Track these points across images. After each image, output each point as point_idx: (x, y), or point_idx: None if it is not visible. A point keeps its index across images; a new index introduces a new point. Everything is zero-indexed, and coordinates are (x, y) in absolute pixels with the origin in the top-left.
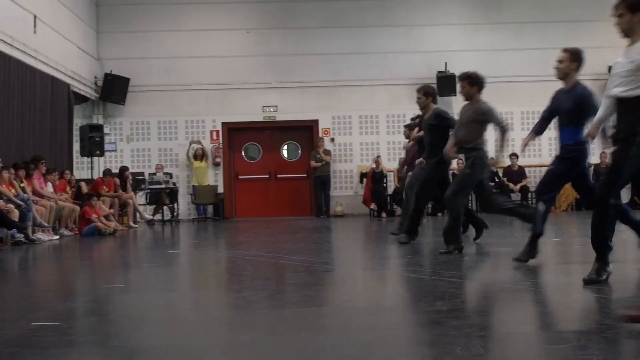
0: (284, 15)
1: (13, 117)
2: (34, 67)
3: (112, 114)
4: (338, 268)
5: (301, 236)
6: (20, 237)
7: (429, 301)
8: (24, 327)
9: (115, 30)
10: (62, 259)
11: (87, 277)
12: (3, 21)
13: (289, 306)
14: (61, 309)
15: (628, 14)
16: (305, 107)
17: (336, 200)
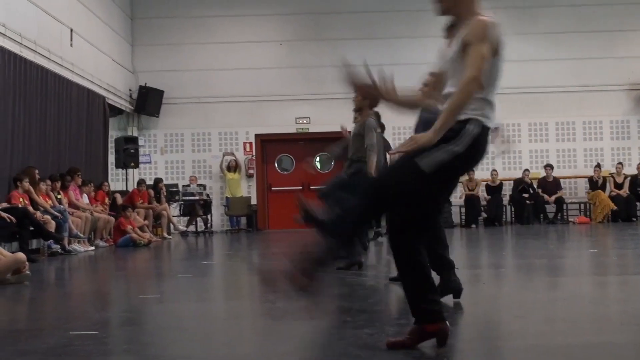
0: (317, 27)
1: (50, 129)
2: (70, 79)
3: (146, 126)
4: (370, 278)
5: None
6: (56, 248)
7: (465, 314)
8: (62, 336)
9: (149, 43)
10: (97, 270)
11: (123, 287)
12: (41, 35)
13: (324, 317)
14: (98, 318)
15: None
16: (338, 119)
17: None
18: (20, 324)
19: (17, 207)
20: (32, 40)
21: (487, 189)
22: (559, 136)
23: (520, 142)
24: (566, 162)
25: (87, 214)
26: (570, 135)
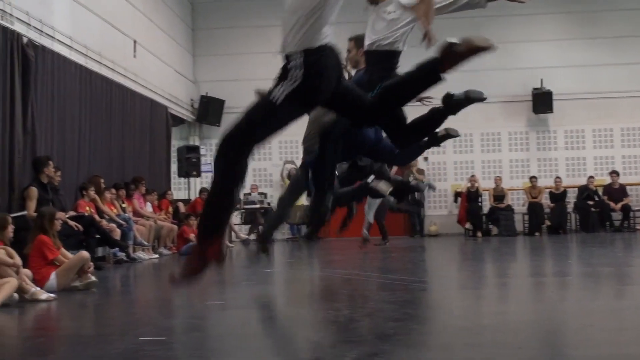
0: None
1: (115, 139)
2: (134, 90)
3: (207, 135)
4: (436, 287)
5: (396, 255)
6: (121, 256)
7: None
8: (132, 341)
9: (210, 53)
10: (162, 277)
11: (188, 294)
12: (105, 47)
13: (390, 323)
14: (165, 324)
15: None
16: None
17: (430, 219)
18: (91, 329)
19: (83, 215)
20: (97, 52)
21: (550, 197)
22: (625, 142)
23: (585, 149)
24: (632, 168)
25: (151, 222)
26: (636, 141)
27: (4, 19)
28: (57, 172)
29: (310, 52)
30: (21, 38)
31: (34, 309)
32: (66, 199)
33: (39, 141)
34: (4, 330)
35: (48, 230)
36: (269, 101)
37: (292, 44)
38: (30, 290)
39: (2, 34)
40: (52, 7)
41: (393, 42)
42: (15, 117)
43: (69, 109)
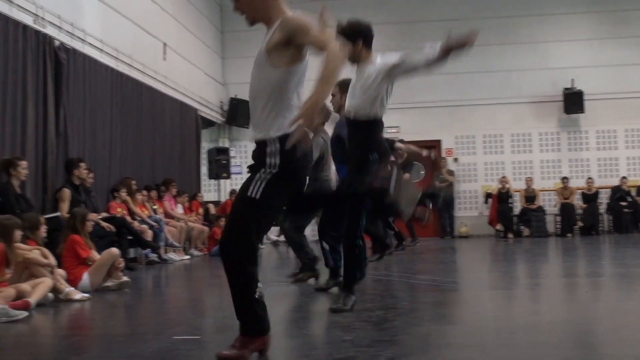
0: (405, 36)
1: (145, 141)
2: (163, 92)
3: (237, 137)
4: (467, 287)
5: (427, 256)
6: (153, 257)
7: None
8: (166, 340)
9: (239, 56)
10: (193, 278)
11: (219, 294)
12: (136, 50)
13: (424, 324)
14: (199, 324)
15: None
16: (427, 127)
17: (461, 220)
18: (125, 328)
19: (115, 216)
20: (127, 55)
21: (582, 197)
22: None
23: (617, 149)
24: None
25: (182, 224)
26: None
27: (36, 23)
28: (89, 173)
29: (286, 138)
30: (53, 41)
31: (69, 308)
32: (98, 200)
33: (71, 143)
34: (40, 329)
35: (80, 230)
36: (250, 199)
37: (265, 130)
38: (64, 290)
39: (35, 37)
40: (83, 11)
41: (369, 111)
42: (48, 119)
43: (100, 111)
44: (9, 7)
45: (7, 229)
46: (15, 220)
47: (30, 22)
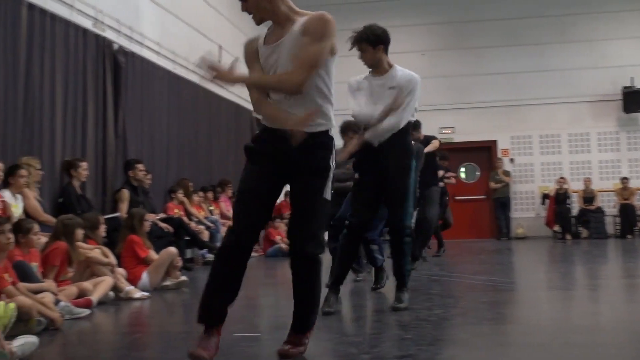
0: (460, 36)
1: (201, 143)
2: (219, 95)
3: None
4: (525, 288)
5: (484, 257)
6: (210, 257)
7: (627, 323)
8: (227, 338)
9: None
10: (249, 277)
11: (275, 293)
12: (192, 52)
13: (484, 323)
14: (257, 321)
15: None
16: (483, 128)
17: (517, 222)
18: (185, 326)
19: (172, 217)
20: (184, 58)
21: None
22: None
23: None
24: None
25: None
26: None
27: (96, 27)
28: (146, 175)
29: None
30: (112, 45)
31: (129, 306)
32: (155, 201)
33: (130, 145)
34: (102, 326)
35: (137, 230)
36: (325, 201)
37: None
38: (124, 288)
39: (94, 41)
40: (141, 15)
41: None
42: (107, 121)
43: (157, 113)
44: (69, 11)
45: (69, 228)
46: (77, 219)
47: (90, 25)
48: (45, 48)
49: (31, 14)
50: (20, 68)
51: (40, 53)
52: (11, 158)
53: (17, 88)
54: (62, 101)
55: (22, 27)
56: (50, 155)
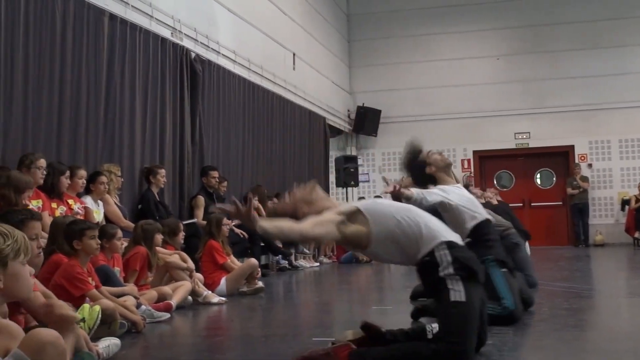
0: (536, 40)
1: (275, 149)
2: (293, 101)
3: (364, 146)
4: (606, 294)
5: (562, 264)
6: (284, 264)
7: None
8: (306, 341)
9: (366, 64)
10: (324, 283)
11: (349, 299)
12: (267, 60)
13: (567, 329)
14: (334, 326)
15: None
16: (559, 133)
17: (595, 228)
18: (264, 330)
19: None
20: (259, 65)
21: None
22: None
23: None
24: None
25: None
26: None
27: (174, 36)
28: (222, 182)
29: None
30: (190, 53)
31: (207, 311)
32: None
33: (206, 151)
34: (181, 329)
35: (216, 235)
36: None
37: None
38: (202, 293)
39: (172, 49)
40: (218, 23)
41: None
42: (184, 129)
43: (233, 120)
44: (149, 21)
45: (149, 233)
46: (156, 225)
47: (169, 35)
48: (125, 57)
49: (112, 24)
50: (102, 77)
51: (121, 62)
52: (92, 165)
53: (99, 96)
54: (142, 109)
55: (104, 37)
56: (130, 162)
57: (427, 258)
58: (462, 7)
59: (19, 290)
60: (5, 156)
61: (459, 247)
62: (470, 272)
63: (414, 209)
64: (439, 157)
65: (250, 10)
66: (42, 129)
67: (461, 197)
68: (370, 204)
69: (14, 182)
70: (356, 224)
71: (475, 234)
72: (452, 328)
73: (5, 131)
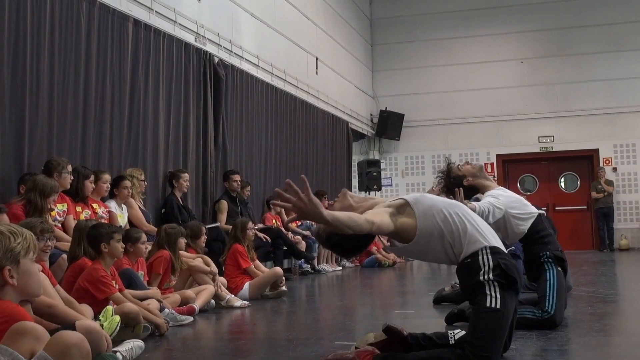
0: (559, 43)
1: (298, 154)
2: (316, 106)
3: (387, 150)
4: (632, 299)
5: (586, 269)
6: (307, 267)
7: None
8: (328, 345)
9: (389, 68)
10: (346, 287)
11: (371, 303)
12: (290, 65)
13: (592, 334)
14: (356, 330)
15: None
16: (584, 136)
17: (621, 233)
18: (287, 333)
19: (271, 227)
20: (281, 70)
21: None
22: None
23: None
24: None
25: None
26: None
27: (197, 41)
28: (245, 187)
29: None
30: (213, 58)
31: (230, 314)
32: (254, 211)
33: (230, 156)
34: (204, 332)
35: (241, 239)
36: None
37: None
38: (225, 297)
39: (196, 54)
40: (241, 28)
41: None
42: (208, 133)
43: (256, 125)
44: (172, 26)
45: (172, 237)
46: (179, 229)
47: (192, 40)
48: (149, 62)
49: (137, 30)
50: (127, 82)
51: (145, 67)
52: (117, 169)
53: (123, 101)
54: (165, 113)
55: (129, 42)
56: (153, 166)
57: (468, 260)
58: (485, 10)
59: (31, 286)
60: (31, 161)
61: (502, 254)
62: (510, 280)
63: (462, 207)
64: (469, 166)
65: (273, 15)
66: (67, 133)
67: (509, 199)
68: (419, 197)
69: (39, 187)
70: (404, 216)
71: (530, 231)
72: (482, 333)
73: (30, 136)
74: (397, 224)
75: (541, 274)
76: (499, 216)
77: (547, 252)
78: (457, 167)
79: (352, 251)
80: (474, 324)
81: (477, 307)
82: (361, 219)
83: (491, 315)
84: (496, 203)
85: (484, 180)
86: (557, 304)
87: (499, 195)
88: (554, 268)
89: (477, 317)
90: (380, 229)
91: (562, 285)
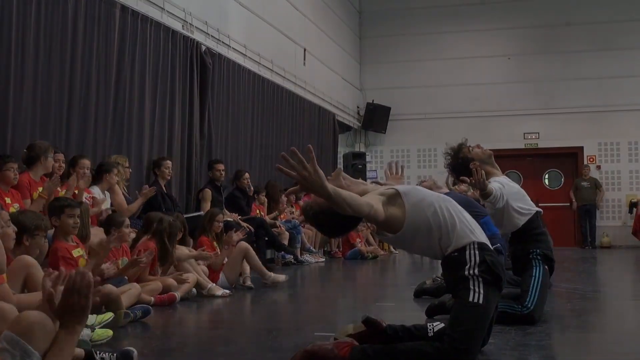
0: (547, 40)
1: (284, 144)
2: (303, 97)
3: (373, 142)
4: (610, 296)
5: (567, 265)
6: (289, 259)
7: None
8: (308, 336)
9: (377, 61)
10: (330, 279)
11: (353, 295)
12: (277, 55)
13: (570, 330)
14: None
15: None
16: (569, 134)
17: (602, 230)
18: (267, 324)
19: (255, 217)
20: (269, 60)
21: None
22: None
23: None
24: None
25: None
26: None
27: (185, 28)
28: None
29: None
30: (200, 46)
31: (211, 303)
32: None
33: (215, 145)
34: (186, 321)
35: (208, 230)
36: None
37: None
38: (207, 286)
39: (183, 42)
40: (229, 17)
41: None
42: (193, 121)
43: (242, 114)
44: (160, 13)
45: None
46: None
47: (180, 27)
48: (136, 49)
49: (124, 16)
50: (113, 68)
51: (132, 54)
52: (100, 156)
53: (109, 87)
54: (151, 101)
55: (115, 28)
56: (138, 154)
57: (455, 254)
58: (474, 6)
59: None
60: (14, 145)
61: (489, 250)
62: (495, 277)
63: (452, 201)
64: (480, 150)
65: (261, 4)
66: (51, 119)
67: (511, 190)
68: (411, 189)
69: None
70: (394, 207)
71: (525, 227)
72: (462, 327)
73: (14, 121)
74: (387, 214)
75: (527, 269)
76: (501, 205)
77: (537, 249)
78: (468, 149)
79: (337, 231)
80: (455, 318)
81: (459, 301)
82: (362, 200)
83: (473, 310)
84: (502, 191)
85: (491, 167)
86: (537, 301)
87: (505, 184)
88: (541, 265)
89: (458, 310)
90: (376, 216)
91: (546, 283)
